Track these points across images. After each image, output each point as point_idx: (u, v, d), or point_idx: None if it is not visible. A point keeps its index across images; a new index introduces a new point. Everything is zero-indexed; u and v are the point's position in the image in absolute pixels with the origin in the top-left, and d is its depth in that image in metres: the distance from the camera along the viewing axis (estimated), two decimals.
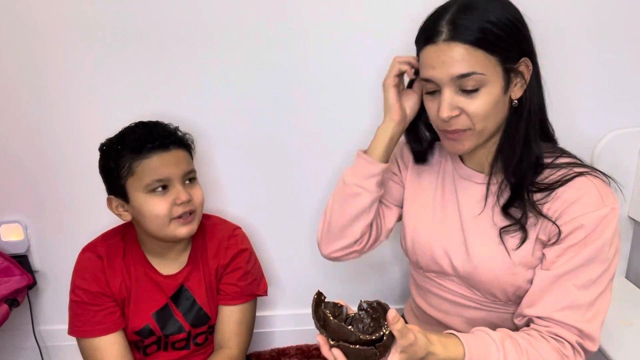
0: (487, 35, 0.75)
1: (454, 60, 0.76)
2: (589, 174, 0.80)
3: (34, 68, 1.17)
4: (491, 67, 0.76)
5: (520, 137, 0.81)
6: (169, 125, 1.02)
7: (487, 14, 0.75)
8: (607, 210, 0.77)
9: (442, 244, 0.91)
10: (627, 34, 1.17)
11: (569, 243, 0.78)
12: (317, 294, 0.72)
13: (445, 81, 0.78)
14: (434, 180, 0.97)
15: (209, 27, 1.15)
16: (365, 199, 0.92)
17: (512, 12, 0.78)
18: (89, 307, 1.00)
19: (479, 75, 0.76)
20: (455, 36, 0.75)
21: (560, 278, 0.78)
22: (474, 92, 0.77)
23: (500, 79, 0.77)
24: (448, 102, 0.78)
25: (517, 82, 0.80)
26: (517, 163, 0.82)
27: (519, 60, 0.78)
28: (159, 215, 0.95)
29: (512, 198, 0.83)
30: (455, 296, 0.92)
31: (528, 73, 0.80)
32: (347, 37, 1.17)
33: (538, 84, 0.83)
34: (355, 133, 1.25)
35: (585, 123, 1.22)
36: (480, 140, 0.83)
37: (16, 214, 1.30)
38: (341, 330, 0.67)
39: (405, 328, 0.67)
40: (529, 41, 0.80)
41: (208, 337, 1.11)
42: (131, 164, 0.94)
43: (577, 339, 0.78)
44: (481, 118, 0.78)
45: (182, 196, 0.95)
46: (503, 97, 0.79)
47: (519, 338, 0.78)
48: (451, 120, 0.80)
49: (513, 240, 0.83)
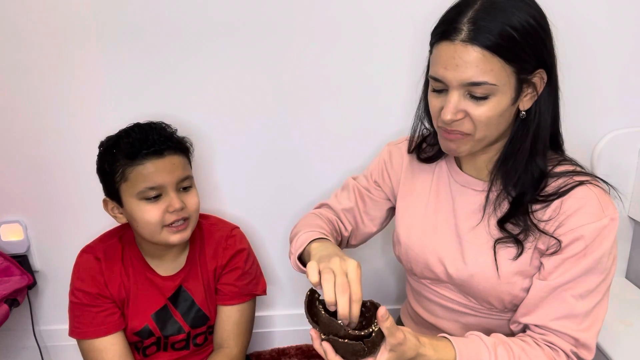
0: (507, 42, 0.71)
1: (468, 64, 0.71)
2: (589, 182, 0.78)
3: (33, 68, 1.17)
4: (505, 76, 0.72)
5: (525, 149, 0.79)
6: (167, 127, 1.00)
7: (511, 17, 0.71)
8: (607, 221, 0.76)
9: (435, 251, 0.89)
10: (627, 34, 1.17)
11: (568, 254, 0.77)
12: (310, 291, 0.73)
13: (454, 84, 0.74)
14: (427, 185, 0.94)
15: (208, 26, 1.15)
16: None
17: (538, 17, 0.74)
18: (89, 308, 1.00)
19: (491, 86, 0.72)
20: (474, 38, 0.71)
21: (558, 288, 0.78)
22: (482, 100, 0.74)
23: (511, 90, 0.74)
24: (454, 105, 0.75)
25: (528, 94, 0.77)
26: (520, 177, 0.80)
27: (534, 71, 0.75)
28: (150, 223, 0.94)
29: (509, 214, 0.81)
30: (451, 303, 0.91)
31: (541, 85, 0.76)
32: (346, 37, 1.17)
33: (554, 97, 0.79)
34: (354, 133, 1.25)
35: (585, 123, 1.22)
36: (477, 147, 0.80)
37: (16, 214, 1.30)
38: (331, 324, 0.68)
39: (394, 326, 0.66)
40: (549, 52, 0.76)
41: (207, 338, 1.11)
42: (125, 169, 0.93)
43: (572, 348, 0.78)
44: (484, 125, 0.76)
45: (175, 204, 0.94)
46: (510, 107, 0.76)
47: (512, 344, 0.77)
48: (453, 123, 0.77)
49: (510, 250, 0.81)
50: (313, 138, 1.26)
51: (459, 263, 0.86)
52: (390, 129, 1.23)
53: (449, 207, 0.90)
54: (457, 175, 0.90)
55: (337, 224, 1.00)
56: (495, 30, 0.70)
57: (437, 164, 0.94)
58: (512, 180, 0.81)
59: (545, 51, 0.75)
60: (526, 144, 0.79)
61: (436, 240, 0.90)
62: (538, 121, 0.78)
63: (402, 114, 1.22)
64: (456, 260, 0.86)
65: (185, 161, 1.00)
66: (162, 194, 0.95)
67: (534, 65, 0.75)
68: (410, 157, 0.98)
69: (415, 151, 0.96)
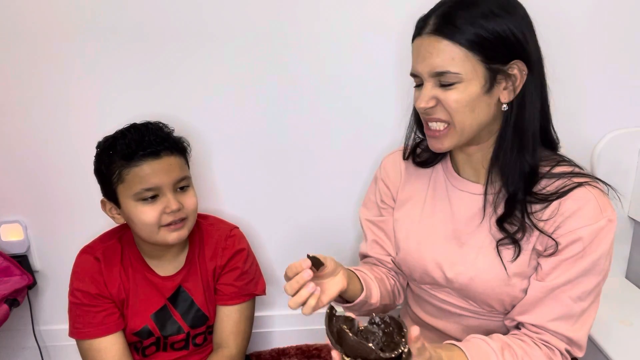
0: (469, 33, 0.73)
1: (433, 55, 0.75)
2: (588, 184, 0.78)
3: (33, 68, 1.17)
4: (469, 65, 0.74)
5: (510, 143, 0.79)
6: (164, 128, 1.00)
7: (478, 10, 0.74)
8: (604, 222, 0.76)
9: (433, 256, 0.89)
10: (626, 34, 1.17)
11: (565, 255, 0.77)
12: (330, 308, 0.71)
13: (425, 76, 0.78)
14: (423, 191, 0.94)
15: (207, 25, 1.15)
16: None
17: (508, 9, 0.75)
18: (88, 308, 1.00)
19: (454, 74, 0.75)
20: (437, 29, 0.75)
21: (556, 290, 0.78)
22: (450, 86, 0.76)
23: (480, 78, 0.75)
24: (425, 93, 0.78)
25: (506, 85, 0.77)
26: (510, 173, 0.80)
27: (508, 62, 0.76)
28: (147, 224, 0.94)
29: (506, 213, 0.81)
30: (452, 307, 0.90)
31: (522, 77, 0.77)
32: (346, 37, 1.17)
33: (540, 91, 0.79)
34: (353, 132, 1.25)
35: (585, 123, 1.22)
36: (462, 140, 0.81)
37: (16, 214, 1.30)
38: (360, 347, 0.65)
39: (423, 347, 0.65)
40: (524, 42, 0.76)
41: (207, 338, 1.11)
42: (121, 171, 0.93)
43: (565, 347, 0.79)
44: (455, 112, 0.77)
45: (172, 205, 0.94)
46: (484, 96, 0.77)
47: (515, 347, 0.78)
48: (429, 111, 0.79)
49: (509, 252, 0.82)
50: (313, 138, 1.26)
51: (458, 267, 0.86)
52: (390, 129, 1.23)
53: (446, 211, 0.90)
54: (454, 180, 0.90)
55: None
56: (458, 21, 0.74)
57: (433, 169, 0.94)
58: (504, 178, 0.81)
59: (518, 42, 0.75)
60: (509, 136, 0.79)
61: (433, 245, 0.90)
62: (521, 114, 0.78)
63: (401, 114, 1.22)
64: (454, 264, 0.86)
65: (182, 161, 1.00)
66: (159, 195, 0.95)
67: (506, 56, 0.75)
68: (406, 164, 0.98)
69: (411, 156, 0.97)
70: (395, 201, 0.99)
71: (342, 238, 1.34)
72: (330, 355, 0.68)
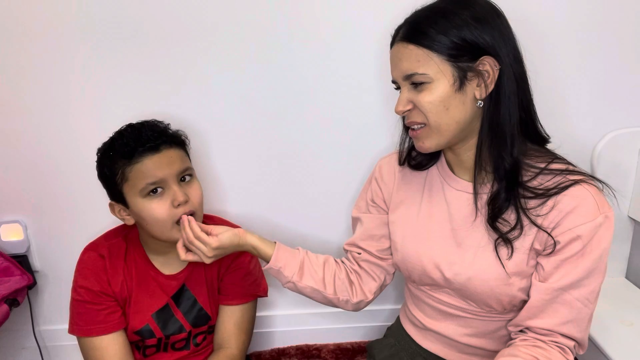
0: (432, 34, 0.76)
1: (402, 60, 0.79)
2: (584, 182, 0.78)
3: (32, 68, 1.17)
4: (434, 65, 0.77)
5: (486, 140, 0.80)
6: (159, 123, 1.00)
7: (439, 12, 0.77)
8: (602, 219, 0.76)
9: (431, 257, 0.89)
10: (626, 34, 1.17)
11: (566, 255, 0.77)
12: None
13: (400, 81, 0.82)
14: (419, 193, 0.95)
15: (207, 22, 1.15)
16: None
17: (470, 7, 0.76)
18: (91, 306, 1.00)
19: (420, 76, 0.78)
20: (403, 35, 0.79)
21: (563, 292, 0.78)
22: (420, 86, 0.79)
23: (449, 77, 0.77)
24: (402, 98, 0.82)
25: (479, 82, 0.78)
26: (494, 168, 0.81)
27: (476, 59, 0.76)
28: (160, 219, 0.94)
29: (495, 212, 0.81)
30: (451, 308, 0.91)
31: (493, 73, 0.77)
32: (346, 37, 1.17)
33: (516, 83, 0.78)
34: (355, 131, 1.25)
35: (585, 123, 1.23)
36: (443, 139, 0.82)
37: (16, 214, 1.30)
38: None
39: None
40: (489, 38, 0.76)
41: (207, 337, 1.11)
42: (124, 170, 0.93)
43: (574, 344, 0.80)
44: (429, 112, 0.79)
45: (179, 197, 0.94)
46: (457, 94, 0.78)
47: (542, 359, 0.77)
48: (407, 114, 0.83)
49: (506, 250, 0.82)
50: (315, 138, 1.26)
51: (456, 267, 0.86)
52: (390, 129, 1.23)
53: (443, 212, 0.90)
54: (450, 179, 0.91)
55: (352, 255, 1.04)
56: (422, 25, 0.77)
57: (428, 172, 0.95)
58: (490, 174, 0.82)
59: (483, 38, 0.76)
60: (485, 132, 0.80)
61: (431, 246, 0.90)
62: (496, 109, 0.79)
63: (398, 117, 1.22)
64: (453, 264, 0.86)
65: (183, 153, 1.00)
66: (164, 188, 0.94)
67: (472, 52, 0.76)
68: (401, 168, 0.99)
69: (406, 160, 0.97)
70: (386, 204, 1.00)
71: (343, 238, 1.34)
72: (331, 356, 0.68)
